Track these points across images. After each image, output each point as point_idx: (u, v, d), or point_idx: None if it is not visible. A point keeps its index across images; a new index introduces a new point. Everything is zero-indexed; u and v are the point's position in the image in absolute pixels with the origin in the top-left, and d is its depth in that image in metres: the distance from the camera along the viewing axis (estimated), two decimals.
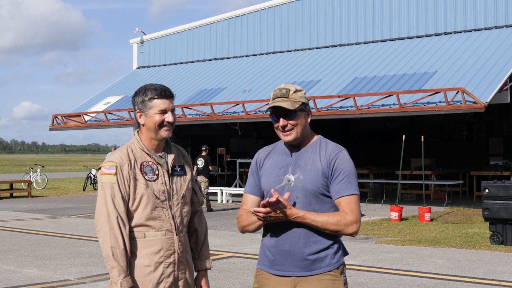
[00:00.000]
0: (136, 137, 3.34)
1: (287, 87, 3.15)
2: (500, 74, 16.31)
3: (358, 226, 3.04)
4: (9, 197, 23.17)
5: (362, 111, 17.09)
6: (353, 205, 3.04)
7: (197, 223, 3.50)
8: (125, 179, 3.21)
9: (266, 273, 3.15)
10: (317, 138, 3.20)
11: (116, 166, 3.21)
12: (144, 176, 3.24)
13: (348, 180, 3.05)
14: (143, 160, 3.28)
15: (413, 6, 20.84)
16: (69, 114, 24.23)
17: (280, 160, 3.19)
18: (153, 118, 3.25)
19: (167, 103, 3.28)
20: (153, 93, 3.26)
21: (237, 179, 22.51)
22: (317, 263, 3.04)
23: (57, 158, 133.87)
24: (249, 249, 10.27)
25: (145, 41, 28.17)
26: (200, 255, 3.48)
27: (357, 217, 3.03)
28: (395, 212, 14.41)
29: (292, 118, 3.11)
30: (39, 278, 8.07)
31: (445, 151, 25.06)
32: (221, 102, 20.38)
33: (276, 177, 3.16)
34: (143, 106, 3.27)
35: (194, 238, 3.48)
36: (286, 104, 3.09)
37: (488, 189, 10.60)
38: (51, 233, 12.68)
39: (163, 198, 3.25)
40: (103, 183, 3.21)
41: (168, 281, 3.24)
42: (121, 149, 3.31)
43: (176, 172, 3.35)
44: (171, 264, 3.25)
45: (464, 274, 8.23)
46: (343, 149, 3.13)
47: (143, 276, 3.20)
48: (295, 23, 23.54)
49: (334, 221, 2.99)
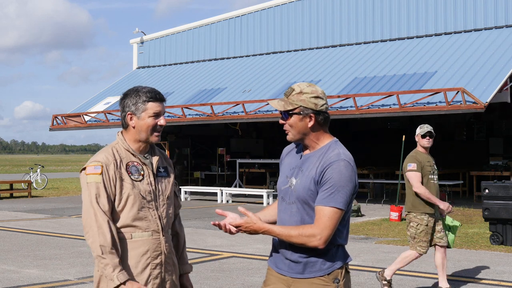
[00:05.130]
0: (121, 137, 3.30)
1: (293, 87, 3.11)
2: (500, 74, 16.31)
3: (321, 239, 2.93)
4: (9, 197, 23.16)
5: (362, 111, 17.10)
6: (324, 218, 2.94)
7: (178, 226, 3.49)
8: (111, 179, 3.16)
9: (271, 269, 3.22)
10: (328, 142, 3.11)
11: (101, 165, 3.16)
12: (130, 176, 3.20)
13: (331, 191, 2.95)
14: (128, 160, 3.24)
15: (413, 6, 20.84)
16: (69, 114, 24.24)
17: (293, 161, 3.21)
18: (147, 121, 3.21)
19: (161, 106, 3.25)
20: (147, 96, 3.22)
21: (237, 179, 22.51)
22: (308, 267, 3.05)
23: (57, 158, 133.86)
24: (249, 249, 10.27)
25: (145, 41, 28.17)
26: (181, 259, 3.47)
27: (321, 230, 2.93)
28: (395, 212, 14.41)
29: (285, 119, 3.12)
30: (39, 278, 8.07)
31: (445, 151, 25.06)
32: (221, 102, 20.37)
33: (285, 177, 3.19)
34: (136, 109, 3.22)
35: (175, 241, 3.46)
36: (279, 104, 3.09)
37: (488, 189, 10.60)
38: (51, 233, 12.68)
39: (149, 199, 3.22)
40: (88, 183, 3.15)
41: (156, 283, 3.22)
42: (106, 149, 3.27)
43: (161, 173, 3.34)
44: (158, 265, 3.23)
45: (464, 274, 8.23)
46: (343, 159, 3.00)
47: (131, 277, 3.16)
48: (295, 23, 23.54)
49: (295, 234, 2.97)
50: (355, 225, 13.50)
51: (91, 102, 25.53)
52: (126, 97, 3.27)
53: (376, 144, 27.15)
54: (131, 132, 3.27)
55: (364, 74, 19.29)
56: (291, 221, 3.09)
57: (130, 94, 3.27)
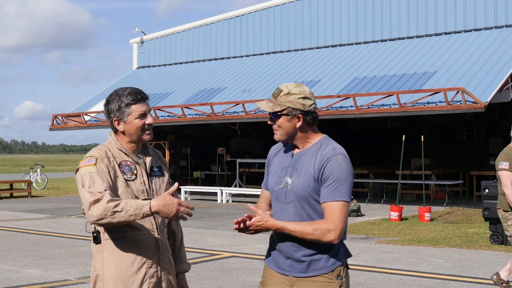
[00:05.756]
0: (113, 137, 3.30)
1: (281, 88, 3.13)
2: (500, 74, 16.31)
3: (336, 233, 2.97)
4: (9, 197, 23.16)
5: (362, 111, 17.10)
6: (335, 212, 2.98)
7: (174, 225, 3.48)
8: (106, 171, 3.13)
9: (270, 269, 3.21)
10: (319, 139, 3.14)
11: (96, 158, 3.15)
12: (123, 175, 3.19)
13: (335, 185, 2.98)
14: (121, 159, 3.23)
15: (413, 6, 20.84)
16: (69, 114, 24.24)
17: (284, 160, 3.20)
18: (134, 124, 3.21)
19: (145, 105, 3.24)
20: (129, 98, 3.20)
21: (237, 179, 22.50)
22: (312, 265, 3.06)
23: (57, 158, 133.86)
24: (249, 249, 10.27)
25: (145, 41, 28.18)
26: (178, 258, 3.47)
27: (335, 225, 2.97)
28: (395, 212, 14.40)
29: (273, 120, 3.13)
30: (39, 278, 8.06)
31: (445, 151, 25.05)
32: (221, 102, 20.38)
33: (278, 178, 3.18)
34: (120, 113, 3.21)
35: (172, 241, 3.45)
36: (268, 105, 3.11)
37: (488, 189, 10.61)
38: (51, 233, 12.67)
39: (142, 198, 3.19)
40: (82, 174, 3.11)
41: (152, 282, 3.20)
42: (99, 147, 3.26)
43: (155, 173, 3.33)
44: (154, 264, 3.22)
45: (464, 274, 8.23)
46: (339, 153, 3.04)
47: (127, 277, 3.16)
48: (295, 23, 23.54)
49: (310, 231, 2.97)
50: (355, 225, 13.50)
51: (91, 102, 25.53)
52: (109, 103, 3.25)
53: (376, 144, 27.15)
54: (121, 136, 3.27)
55: (364, 74, 19.29)
56: (289, 220, 3.08)
57: (112, 99, 3.24)
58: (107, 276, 3.16)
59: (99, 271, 3.19)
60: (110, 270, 3.16)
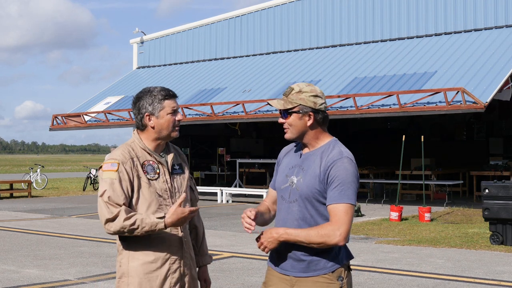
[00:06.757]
0: (137, 136, 3.35)
1: (292, 86, 3.16)
2: (500, 74, 16.31)
3: (341, 235, 2.97)
4: (9, 197, 23.16)
5: (362, 111, 17.10)
6: (340, 214, 2.99)
7: (196, 220, 3.58)
8: (128, 176, 3.21)
9: (272, 269, 3.23)
10: (328, 141, 3.16)
11: (118, 163, 3.22)
12: (146, 175, 3.26)
13: (341, 188, 3.00)
14: (144, 159, 3.30)
15: (413, 6, 20.84)
16: (69, 114, 24.24)
17: (292, 160, 3.23)
18: (166, 119, 3.28)
19: (176, 102, 3.34)
20: (162, 94, 3.29)
21: (237, 179, 22.50)
22: (312, 266, 3.07)
23: (57, 158, 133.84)
24: (249, 249, 10.27)
25: (145, 41, 28.17)
26: (201, 251, 3.58)
27: (339, 226, 2.97)
28: (395, 212, 14.40)
29: (285, 118, 3.15)
30: (39, 278, 8.07)
31: (445, 151, 25.04)
32: (221, 102, 20.38)
33: (285, 177, 3.21)
34: (153, 109, 3.28)
35: (194, 234, 3.56)
36: (279, 103, 3.14)
37: (488, 189, 10.60)
38: (51, 233, 12.68)
39: (165, 196, 3.28)
40: (103, 179, 3.21)
41: (175, 277, 3.28)
42: (122, 147, 3.32)
43: (176, 171, 3.39)
44: (177, 259, 3.30)
45: (464, 274, 8.23)
46: (345, 156, 3.06)
47: (150, 272, 3.24)
48: (295, 23, 23.54)
49: (314, 234, 2.98)
50: (355, 225, 13.50)
51: (91, 102, 25.53)
52: (140, 99, 3.32)
53: (376, 144, 27.14)
54: (149, 132, 3.32)
55: (364, 74, 19.29)
56: (293, 219, 3.10)
57: (144, 95, 3.32)
58: (132, 271, 3.25)
59: (124, 266, 3.28)
60: (135, 266, 3.25)
